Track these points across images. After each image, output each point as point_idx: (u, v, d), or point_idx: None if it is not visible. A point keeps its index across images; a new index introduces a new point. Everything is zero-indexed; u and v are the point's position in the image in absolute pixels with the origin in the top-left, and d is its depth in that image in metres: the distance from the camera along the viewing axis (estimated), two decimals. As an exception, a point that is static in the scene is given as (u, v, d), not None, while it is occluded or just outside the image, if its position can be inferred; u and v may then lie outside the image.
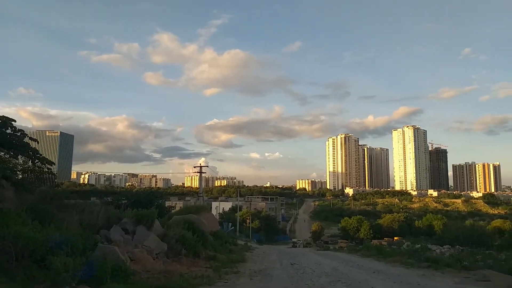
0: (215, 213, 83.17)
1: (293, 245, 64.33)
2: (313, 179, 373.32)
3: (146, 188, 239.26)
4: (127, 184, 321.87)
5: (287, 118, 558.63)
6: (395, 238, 58.36)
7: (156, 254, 12.90)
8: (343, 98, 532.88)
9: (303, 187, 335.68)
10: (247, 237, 62.83)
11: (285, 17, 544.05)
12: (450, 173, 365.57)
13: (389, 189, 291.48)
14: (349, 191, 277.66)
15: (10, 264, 7.70)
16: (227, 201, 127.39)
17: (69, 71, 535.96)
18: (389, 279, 13.04)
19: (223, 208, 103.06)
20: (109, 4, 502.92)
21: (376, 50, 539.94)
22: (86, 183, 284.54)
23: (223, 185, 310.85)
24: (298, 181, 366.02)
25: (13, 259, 7.77)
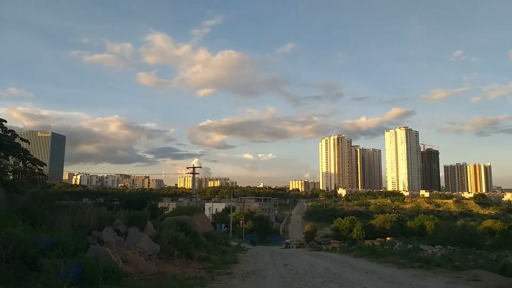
0: (208, 214, 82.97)
1: (286, 245, 64.34)
2: (306, 180, 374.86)
3: (138, 189, 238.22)
4: (120, 185, 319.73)
5: (280, 119, 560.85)
6: (388, 238, 58.68)
7: (148, 255, 12.83)
8: (336, 99, 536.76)
9: (296, 188, 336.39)
10: (240, 238, 62.78)
11: (278, 18, 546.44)
12: (441, 173, 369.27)
13: (381, 190, 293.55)
14: (342, 191, 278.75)
15: (0, 266, 7.63)
16: (220, 202, 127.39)
17: (61, 71, 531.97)
18: (381, 279, 13.11)
19: (216, 209, 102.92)
20: (101, 3, 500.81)
21: (368, 51, 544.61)
22: (78, 184, 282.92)
23: (216, 186, 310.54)
24: (291, 182, 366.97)
25: (4, 261, 7.70)
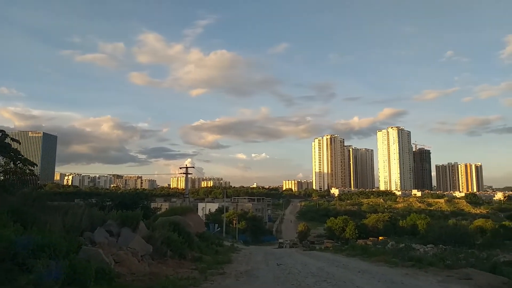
0: (201, 214, 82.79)
1: (280, 245, 64.39)
2: (300, 180, 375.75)
3: (131, 189, 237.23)
4: (112, 185, 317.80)
5: (273, 119, 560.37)
6: (380, 237, 58.92)
7: (141, 256, 12.78)
8: (329, 99, 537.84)
9: (290, 187, 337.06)
10: (234, 238, 62.75)
11: (271, 18, 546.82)
12: (433, 173, 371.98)
13: (374, 189, 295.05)
14: (335, 191, 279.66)
15: (-10, 267, 7.55)
16: (214, 202, 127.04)
17: (52, 70, 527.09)
18: (374, 278, 13.18)
19: (210, 209, 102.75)
20: (93, 2, 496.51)
21: (361, 52, 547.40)
22: (69, 184, 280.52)
23: (209, 186, 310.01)
24: (284, 181, 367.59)
25: (-6, 262, 7.62)
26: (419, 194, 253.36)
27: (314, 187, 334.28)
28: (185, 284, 10.59)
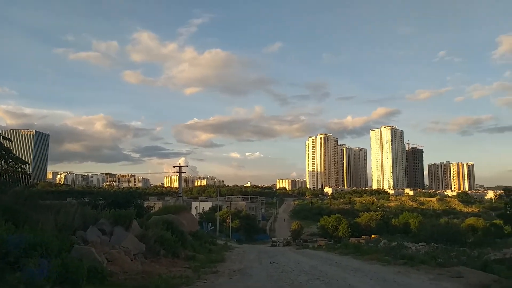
0: (195, 213, 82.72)
1: (273, 244, 64.53)
2: (293, 179, 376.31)
3: (124, 188, 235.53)
4: (105, 184, 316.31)
5: (267, 118, 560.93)
6: (373, 236, 59.17)
7: (134, 254, 12.74)
8: (323, 98, 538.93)
9: (283, 186, 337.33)
10: (227, 236, 62.68)
11: (266, 17, 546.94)
12: (425, 172, 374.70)
13: (367, 188, 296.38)
14: (328, 190, 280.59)
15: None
16: (207, 201, 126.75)
17: (45, 68, 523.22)
18: (366, 276, 13.28)
19: (203, 208, 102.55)
20: (87, 1, 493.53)
21: (354, 52, 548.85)
22: (62, 183, 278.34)
23: (203, 185, 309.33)
24: (278, 180, 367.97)
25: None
26: (411, 193, 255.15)
27: (307, 186, 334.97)
28: (178, 282, 10.58)
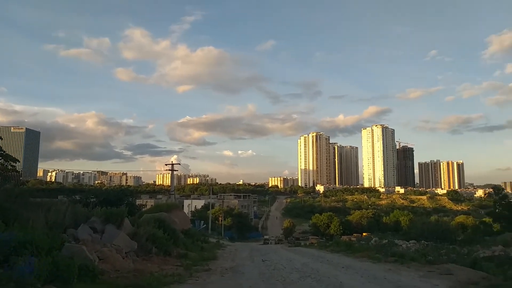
0: (187, 211, 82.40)
1: (265, 242, 64.62)
2: (285, 177, 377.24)
3: (116, 186, 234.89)
4: (96, 182, 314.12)
5: (260, 116, 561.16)
6: (364, 234, 59.53)
7: (125, 253, 12.70)
8: (315, 97, 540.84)
9: (276, 184, 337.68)
10: (219, 234, 62.70)
11: (258, 15, 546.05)
12: (416, 170, 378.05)
13: (358, 186, 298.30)
14: (320, 188, 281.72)
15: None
16: (200, 199, 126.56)
17: (36, 65, 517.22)
18: (357, 273, 13.39)
19: (195, 206, 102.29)
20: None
21: (347, 51, 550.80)
22: (53, 181, 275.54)
23: (195, 183, 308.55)
24: (270, 178, 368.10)
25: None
26: (402, 191, 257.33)
27: (299, 184, 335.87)
28: (170, 280, 10.55)
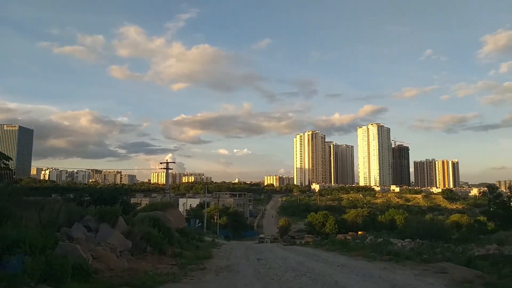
0: (182, 210, 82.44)
1: (260, 240, 64.59)
2: (281, 175, 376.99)
3: (110, 184, 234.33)
4: (91, 180, 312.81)
5: (255, 114, 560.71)
6: (359, 232, 59.66)
7: (120, 251, 12.63)
8: (311, 96, 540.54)
9: (271, 183, 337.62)
10: (215, 233, 62.61)
11: (254, 14, 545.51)
12: (411, 169, 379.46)
13: (353, 185, 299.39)
14: (316, 187, 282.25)
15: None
16: (195, 198, 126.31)
17: (29, 62, 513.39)
18: (352, 272, 13.40)
19: (191, 204, 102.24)
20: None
21: (343, 50, 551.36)
22: (46, 179, 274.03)
23: (190, 181, 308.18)
24: (266, 177, 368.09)
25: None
26: (397, 189, 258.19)
27: (295, 183, 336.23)
28: (165, 279, 10.51)
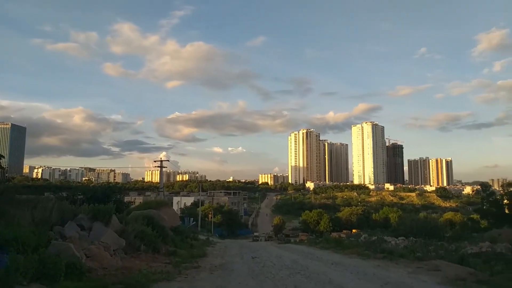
0: (176, 208, 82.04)
1: (254, 239, 64.67)
2: (276, 174, 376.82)
3: (104, 183, 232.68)
4: (84, 178, 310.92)
5: (250, 112, 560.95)
6: (353, 230, 59.72)
7: (113, 250, 12.57)
8: (305, 94, 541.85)
9: (266, 181, 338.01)
10: (209, 231, 62.57)
11: (249, 11, 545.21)
12: (405, 167, 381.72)
13: (348, 183, 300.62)
14: (310, 185, 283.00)
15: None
16: (189, 196, 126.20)
17: (22, 59, 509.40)
18: (346, 270, 13.44)
19: (185, 203, 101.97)
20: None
21: (337, 48, 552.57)
22: (39, 177, 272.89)
23: (185, 180, 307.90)
24: (260, 175, 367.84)
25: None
26: (391, 188, 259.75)
27: (289, 181, 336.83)
28: (159, 278, 10.47)
